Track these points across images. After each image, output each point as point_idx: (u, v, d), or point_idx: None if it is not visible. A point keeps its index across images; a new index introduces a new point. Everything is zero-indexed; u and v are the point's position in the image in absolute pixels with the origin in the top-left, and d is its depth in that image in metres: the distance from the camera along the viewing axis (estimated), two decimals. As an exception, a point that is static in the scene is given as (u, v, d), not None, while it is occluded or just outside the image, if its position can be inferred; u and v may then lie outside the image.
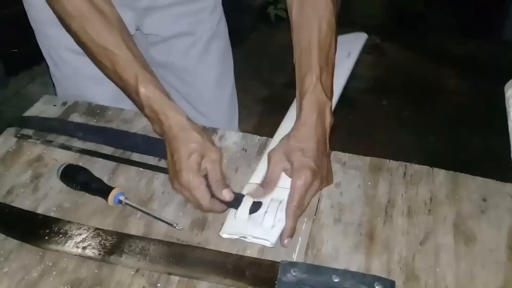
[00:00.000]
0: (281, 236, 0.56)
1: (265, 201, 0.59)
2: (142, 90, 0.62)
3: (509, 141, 0.74)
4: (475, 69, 2.30)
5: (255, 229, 0.56)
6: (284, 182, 0.59)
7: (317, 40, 0.64)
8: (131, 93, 0.64)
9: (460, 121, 1.99)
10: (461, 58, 2.38)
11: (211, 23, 0.86)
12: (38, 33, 0.80)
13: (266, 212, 0.57)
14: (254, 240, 0.55)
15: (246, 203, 0.58)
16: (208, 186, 0.58)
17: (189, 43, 0.85)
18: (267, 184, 0.60)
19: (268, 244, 0.55)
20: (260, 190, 0.60)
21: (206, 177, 0.59)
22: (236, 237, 0.56)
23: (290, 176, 0.59)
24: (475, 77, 2.23)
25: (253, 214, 0.57)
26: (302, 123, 0.61)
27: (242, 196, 0.59)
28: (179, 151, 0.59)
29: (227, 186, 0.59)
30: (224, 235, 0.56)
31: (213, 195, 0.58)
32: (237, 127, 1.00)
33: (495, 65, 2.31)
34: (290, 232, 0.55)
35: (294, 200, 0.56)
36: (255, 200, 0.58)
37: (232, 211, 0.58)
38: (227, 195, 0.58)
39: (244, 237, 0.56)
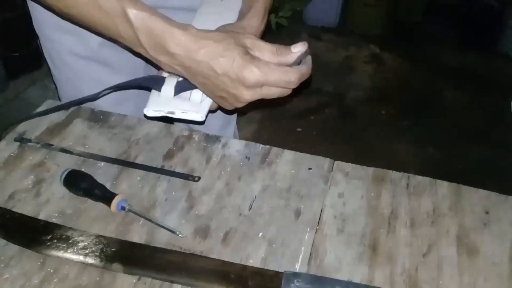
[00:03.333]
0: None
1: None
2: (132, 12, 0.50)
3: (507, 152, 0.74)
4: (472, 80, 2.32)
5: (183, 103, 0.52)
6: None
7: None
8: (117, 25, 0.52)
9: (458, 131, 2.00)
10: (459, 69, 2.41)
11: None
12: (41, 37, 0.80)
13: (191, 90, 0.54)
14: (183, 116, 0.51)
15: (170, 81, 0.54)
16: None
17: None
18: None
19: (198, 117, 0.52)
20: None
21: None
22: (163, 113, 0.51)
23: None
24: (473, 89, 2.25)
25: (179, 91, 0.54)
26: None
27: (163, 78, 0.56)
28: (217, 60, 0.49)
29: (289, 47, 0.53)
30: (149, 113, 0.52)
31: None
32: (236, 133, 1.00)
33: (493, 77, 2.34)
34: None
35: None
36: (179, 79, 0.54)
37: (154, 93, 0.55)
38: (298, 47, 0.52)
39: (172, 113, 0.51)
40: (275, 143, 0.71)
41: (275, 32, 2.46)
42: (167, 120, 0.59)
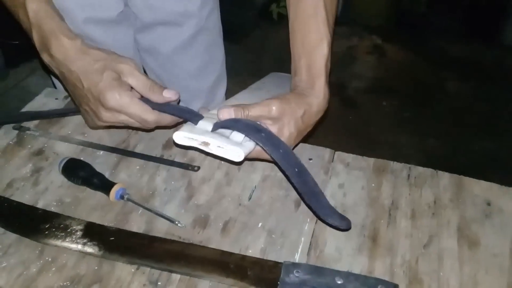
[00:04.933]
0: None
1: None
2: (31, 5, 0.52)
3: (510, 144, 0.74)
4: (476, 72, 2.30)
5: (221, 138, 0.50)
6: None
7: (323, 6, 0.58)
8: (19, 14, 0.54)
9: (461, 123, 1.99)
10: (462, 60, 2.39)
11: (200, 18, 0.85)
12: None
13: (232, 131, 0.52)
14: (219, 151, 0.49)
15: (211, 116, 0.52)
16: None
17: (175, 33, 0.85)
18: (241, 110, 0.54)
19: (235, 156, 0.49)
20: (227, 111, 0.54)
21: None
22: (195, 143, 0.49)
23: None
24: (476, 80, 2.24)
25: (217, 130, 0.51)
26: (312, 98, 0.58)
27: (201, 115, 0.54)
28: (87, 75, 0.51)
29: (163, 87, 0.53)
30: (179, 139, 0.50)
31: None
32: None
33: (496, 69, 2.32)
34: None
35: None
36: (218, 121, 0.52)
37: (190, 124, 0.53)
38: (170, 94, 0.52)
39: (206, 144, 0.49)
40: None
41: (277, 22, 2.44)
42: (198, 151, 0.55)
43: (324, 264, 0.53)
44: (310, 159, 0.66)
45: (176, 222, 0.56)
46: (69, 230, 0.54)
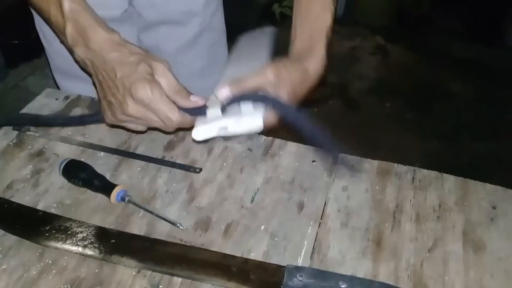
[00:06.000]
0: None
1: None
2: (66, 1, 0.53)
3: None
4: (479, 73, 2.29)
5: (235, 116, 0.51)
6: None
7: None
8: (50, 9, 0.55)
9: (464, 125, 1.98)
10: (465, 61, 2.38)
11: (204, 17, 0.85)
12: (34, 11, 0.79)
13: (240, 105, 0.52)
14: (238, 127, 0.50)
15: (215, 102, 0.52)
16: None
17: (179, 32, 0.85)
18: (239, 85, 0.55)
19: (256, 123, 0.50)
20: (225, 91, 0.55)
21: None
22: (215, 132, 0.50)
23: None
24: (479, 81, 2.23)
25: (226, 111, 0.52)
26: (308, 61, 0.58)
27: (204, 105, 0.54)
28: (122, 65, 0.51)
29: (190, 93, 0.54)
30: (199, 135, 0.50)
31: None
32: None
33: (499, 70, 2.31)
34: None
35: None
36: (223, 102, 0.53)
37: (200, 117, 0.53)
38: (197, 99, 0.53)
39: (225, 128, 0.49)
40: (278, 134, 0.70)
41: (279, 22, 2.43)
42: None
43: (327, 268, 0.52)
44: (313, 161, 0.65)
45: (178, 225, 0.55)
46: (69, 232, 0.53)
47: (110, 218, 0.57)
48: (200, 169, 0.63)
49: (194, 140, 0.53)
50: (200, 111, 0.55)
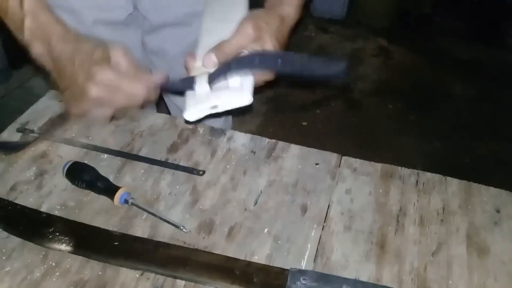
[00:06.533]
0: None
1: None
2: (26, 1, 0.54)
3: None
4: (481, 73, 2.29)
5: (224, 93, 0.51)
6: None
7: None
8: (8, 3, 0.55)
9: (466, 126, 1.98)
10: (467, 62, 2.37)
11: None
12: None
13: (228, 79, 0.52)
14: (228, 104, 0.50)
15: (201, 77, 0.52)
16: None
17: (183, 34, 0.85)
18: (223, 50, 0.55)
19: (245, 99, 0.50)
20: (211, 59, 0.55)
21: None
22: (205, 111, 0.50)
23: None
24: (481, 82, 2.22)
25: (214, 84, 0.52)
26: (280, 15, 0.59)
27: (192, 77, 0.54)
28: (79, 53, 0.53)
29: (149, 70, 0.56)
30: (190, 116, 0.51)
31: None
32: (229, 118, 1.00)
33: (501, 71, 2.30)
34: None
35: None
36: (209, 72, 0.53)
37: (189, 95, 0.53)
38: (157, 76, 0.54)
39: (215, 107, 0.50)
40: (280, 136, 0.70)
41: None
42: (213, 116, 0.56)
43: (331, 271, 0.52)
44: (316, 164, 0.65)
45: (181, 227, 0.55)
46: (73, 234, 0.53)
47: (113, 221, 0.57)
48: (204, 172, 0.63)
49: (186, 121, 0.53)
50: (187, 84, 0.55)
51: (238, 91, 0.51)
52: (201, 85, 0.52)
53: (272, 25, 0.57)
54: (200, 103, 0.51)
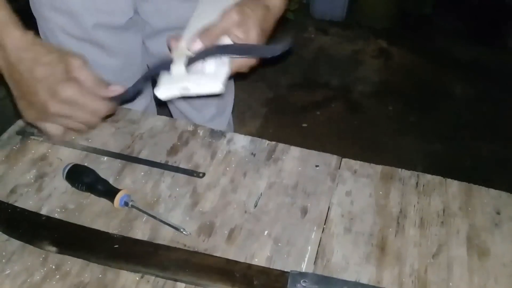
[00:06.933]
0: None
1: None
2: None
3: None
4: (481, 74, 2.29)
5: (197, 77, 0.51)
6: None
7: None
8: None
9: (466, 126, 1.98)
10: (468, 63, 2.37)
11: None
12: (37, 16, 0.79)
13: (204, 61, 0.53)
14: (199, 89, 0.51)
15: (179, 58, 0.53)
16: None
17: None
18: (208, 33, 0.56)
19: (216, 87, 0.50)
20: (196, 42, 0.56)
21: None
22: (176, 91, 0.51)
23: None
24: (482, 83, 2.22)
25: (191, 67, 0.52)
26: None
27: (170, 59, 0.54)
28: (39, 66, 0.52)
29: (109, 83, 0.56)
30: (161, 93, 0.51)
31: None
32: (230, 122, 0.99)
33: (501, 71, 2.30)
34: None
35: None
36: (189, 55, 0.54)
37: (165, 74, 0.53)
38: (116, 88, 0.55)
39: (186, 89, 0.51)
40: (280, 138, 0.70)
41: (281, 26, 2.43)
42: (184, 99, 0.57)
43: (331, 274, 0.52)
44: (316, 166, 0.65)
45: (181, 230, 0.55)
46: (73, 237, 0.53)
47: (113, 223, 0.57)
48: (204, 174, 0.63)
49: (156, 98, 0.54)
50: (166, 65, 0.55)
51: (211, 78, 0.52)
52: (178, 66, 0.53)
53: (257, 13, 0.58)
54: (173, 83, 0.52)
